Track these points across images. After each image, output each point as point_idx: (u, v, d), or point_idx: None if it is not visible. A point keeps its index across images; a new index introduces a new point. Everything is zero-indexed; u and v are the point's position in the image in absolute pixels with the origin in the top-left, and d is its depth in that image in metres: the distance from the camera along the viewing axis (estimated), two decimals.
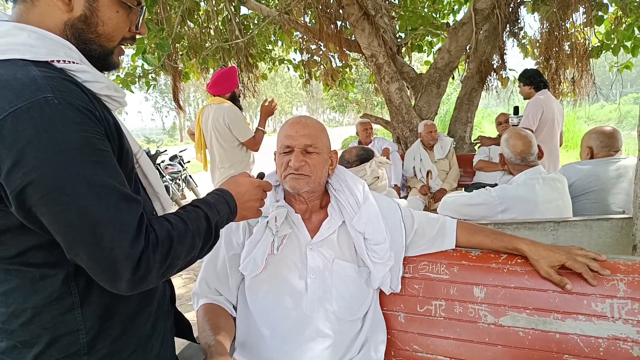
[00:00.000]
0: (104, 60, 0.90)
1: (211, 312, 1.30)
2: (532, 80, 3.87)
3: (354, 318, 1.30)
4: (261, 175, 1.21)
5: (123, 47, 0.94)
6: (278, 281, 1.29)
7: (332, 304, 1.27)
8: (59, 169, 0.70)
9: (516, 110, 4.25)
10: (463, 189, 4.45)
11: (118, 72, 4.72)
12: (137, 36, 0.95)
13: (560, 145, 4.02)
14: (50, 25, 0.82)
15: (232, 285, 1.36)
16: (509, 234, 1.35)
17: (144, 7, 0.95)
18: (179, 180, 7.95)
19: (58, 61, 0.79)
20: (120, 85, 4.79)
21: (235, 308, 1.37)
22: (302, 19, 5.31)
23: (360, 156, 1.94)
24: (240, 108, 3.53)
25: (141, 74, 4.83)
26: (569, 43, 5.07)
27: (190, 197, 8.59)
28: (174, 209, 0.94)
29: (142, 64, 4.81)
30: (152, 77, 4.96)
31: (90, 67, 0.85)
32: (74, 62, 0.81)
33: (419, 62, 13.45)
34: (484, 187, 2.30)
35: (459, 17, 6.10)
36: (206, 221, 0.90)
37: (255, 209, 1.08)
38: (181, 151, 8.70)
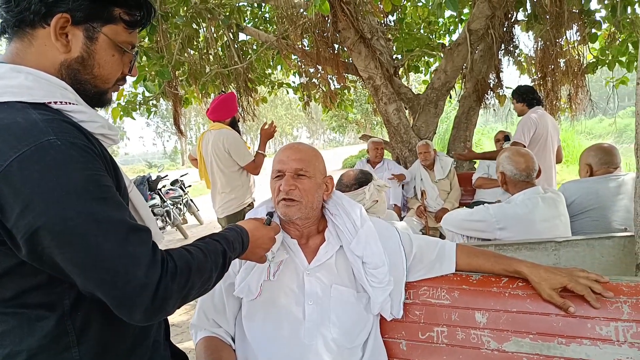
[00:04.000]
0: (98, 99, 0.92)
1: (212, 346, 1.28)
2: (524, 97, 3.87)
3: (354, 345, 1.28)
4: (271, 214, 1.24)
5: (117, 85, 0.96)
6: (275, 309, 1.27)
7: (331, 331, 1.25)
8: (68, 210, 0.71)
9: (507, 138, 4.27)
10: (464, 207, 4.44)
11: (119, 99, 4.78)
12: (128, 77, 0.97)
13: (560, 161, 4.01)
14: (46, 65, 0.83)
15: (230, 315, 1.34)
16: (510, 257, 1.34)
17: (137, 52, 0.97)
18: (180, 204, 7.95)
19: (55, 102, 0.80)
20: (122, 113, 4.84)
21: (234, 339, 1.35)
22: (300, 43, 5.40)
23: (359, 179, 1.94)
24: (239, 132, 3.56)
25: (142, 101, 4.88)
26: (564, 60, 5.12)
27: (191, 221, 8.58)
28: (165, 243, 0.94)
29: (143, 91, 4.87)
30: (152, 103, 5.02)
31: (86, 107, 0.86)
32: (70, 103, 0.82)
33: (417, 82, 13.61)
34: (484, 204, 2.29)
35: (455, 37, 6.20)
36: (223, 256, 0.93)
37: (260, 256, 1.14)
38: (182, 175, 8.72)
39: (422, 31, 6.14)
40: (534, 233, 1.97)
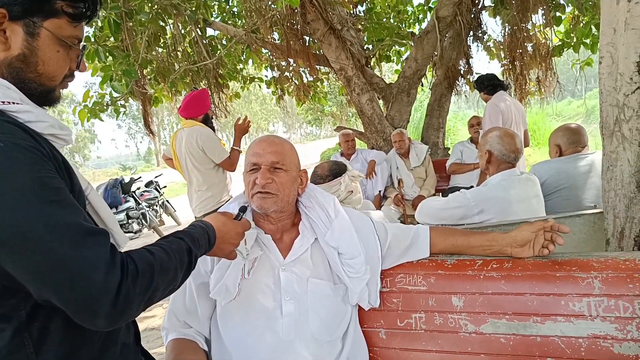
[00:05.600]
0: (44, 98, 0.87)
1: (177, 348, 1.25)
2: (485, 85, 3.89)
3: (333, 338, 1.26)
4: (243, 209, 1.21)
5: (65, 82, 0.91)
6: (251, 307, 1.25)
7: (310, 325, 1.23)
8: (16, 215, 0.67)
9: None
10: (440, 194, 4.48)
11: (85, 101, 4.63)
12: (77, 72, 0.92)
13: (527, 145, 4.07)
14: None
15: (202, 316, 1.31)
16: (482, 232, 1.35)
17: (85, 46, 0.92)
18: (156, 206, 7.81)
19: None
20: (89, 115, 4.69)
21: (207, 340, 1.32)
22: (270, 37, 5.33)
23: (333, 171, 1.93)
24: (213, 129, 3.50)
25: (110, 102, 4.74)
26: (531, 44, 5.21)
27: (168, 222, 8.45)
28: (128, 245, 0.91)
29: (110, 92, 4.73)
30: (120, 104, 4.88)
31: (33, 106, 0.81)
32: (14, 103, 0.77)
33: (390, 72, 13.66)
34: (459, 190, 2.30)
35: (424, 25, 6.23)
36: (188, 254, 0.90)
37: (228, 251, 1.11)
38: (157, 176, 8.56)
39: (391, 20, 6.15)
40: (511, 214, 1.99)
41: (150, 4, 4.69)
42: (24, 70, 0.82)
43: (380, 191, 4.26)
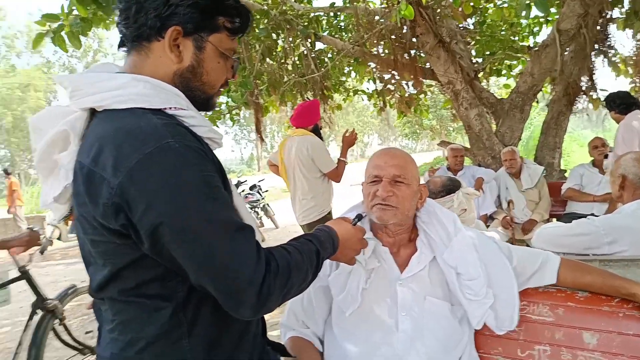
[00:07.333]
0: (206, 104, 0.98)
1: (297, 347, 1.30)
2: (615, 104, 3.54)
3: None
4: (359, 216, 1.23)
5: (220, 90, 1.01)
6: (367, 317, 1.26)
7: (425, 345, 1.21)
8: (185, 208, 0.76)
9: (606, 156, 3.93)
10: (554, 219, 4.13)
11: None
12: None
13: None
14: (161, 74, 0.90)
15: (319, 318, 1.36)
16: (624, 278, 1.21)
17: (239, 57, 1.03)
18: (258, 208, 8.26)
19: (170, 108, 0.86)
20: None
21: (322, 341, 1.36)
22: (376, 49, 5.38)
23: (447, 187, 1.88)
24: (322, 139, 3.59)
25: (226, 111, 5.14)
26: None
27: (267, 224, 8.85)
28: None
29: (227, 101, 5.13)
30: (235, 112, 5.27)
31: (195, 112, 0.92)
32: (182, 109, 0.88)
33: (497, 86, 13.00)
34: (579, 217, 2.10)
35: (539, 38, 5.85)
36: (316, 256, 0.95)
37: (350, 257, 1.14)
38: (260, 181, 9.05)
39: (503, 33, 5.86)
40: None
41: (266, 20, 5.02)
42: (192, 80, 0.93)
43: (484, 214, 4.04)
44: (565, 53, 4.55)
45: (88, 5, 3.02)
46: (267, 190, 9.00)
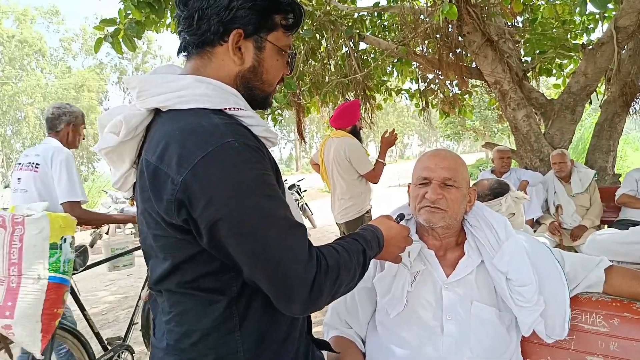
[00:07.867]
0: (264, 102, 1.01)
1: (340, 346, 1.31)
2: None
3: None
4: (401, 216, 1.23)
5: (276, 87, 1.04)
6: (412, 320, 1.26)
7: (471, 350, 1.19)
8: (243, 205, 0.79)
9: None
10: (606, 226, 3.94)
11: None
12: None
13: None
14: (223, 76, 0.93)
15: (362, 318, 1.36)
16: None
17: (295, 52, 1.05)
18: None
19: (229, 108, 0.89)
20: None
21: (364, 342, 1.36)
22: (421, 48, 5.31)
23: (494, 190, 1.84)
24: (360, 140, 3.60)
25: (269, 112, 5.22)
26: None
27: (305, 224, 8.89)
28: None
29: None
30: (278, 112, 5.34)
31: (253, 112, 0.94)
32: (241, 109, 0.91)
33: (545, 86, 12.49)
34: (634, 225, 2.01)
35: (594, 36, 5.58)
36: (363, 255, 0.96)
37: (395, 255, 1.13)
38: (299, 180, 9.14)
39: (555, 31, 5.62)
40: None
41: (310, 21, 5.06)
42: (252, 80, 0.96)
43: (531, 218, 3.90)
44: (623, 51, 4.32)
45: (143, 9, 3.15)
46: (305, 190, 9.07)
